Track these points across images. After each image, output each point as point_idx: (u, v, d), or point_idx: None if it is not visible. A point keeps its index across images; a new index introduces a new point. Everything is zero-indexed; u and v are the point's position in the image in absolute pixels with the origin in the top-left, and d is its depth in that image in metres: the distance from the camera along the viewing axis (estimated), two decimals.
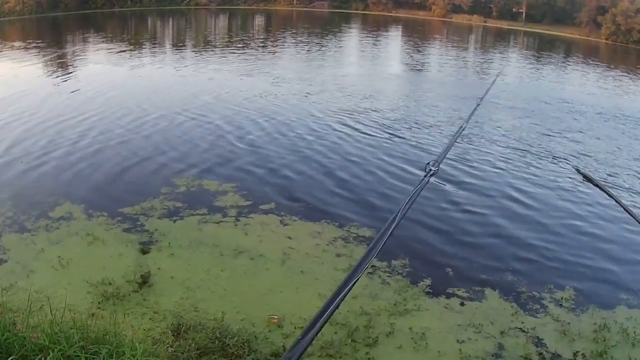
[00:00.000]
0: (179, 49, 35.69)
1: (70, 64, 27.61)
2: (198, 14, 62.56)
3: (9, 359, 4.37)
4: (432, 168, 4.47)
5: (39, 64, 26.92)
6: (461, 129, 7.61)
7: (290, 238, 9.47)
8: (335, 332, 6.89)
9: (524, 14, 64.27)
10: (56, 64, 27.43)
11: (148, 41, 38.77)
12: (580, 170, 13.84)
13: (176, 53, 33.27)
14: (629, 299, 8.15)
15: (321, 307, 2.91)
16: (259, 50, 35.37)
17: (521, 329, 7.29)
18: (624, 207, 11.58)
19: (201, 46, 37.21)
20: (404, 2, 70.51)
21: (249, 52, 33.73)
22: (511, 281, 8.49)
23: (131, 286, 7.61)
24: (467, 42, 50.01)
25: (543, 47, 49.46)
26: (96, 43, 36.29)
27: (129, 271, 7.99)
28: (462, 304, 7.80)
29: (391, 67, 31.36)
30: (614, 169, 14.42)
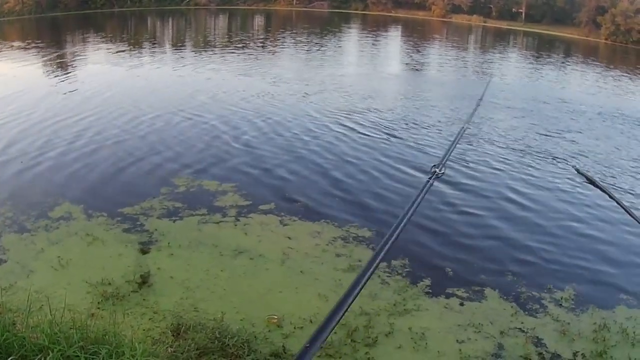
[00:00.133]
0: (178, 49, 35.68)
1: (69, 64, 27.59)
2: (198, 14, 62.53)
3: (9, 359, 4.36)
4: (437, 170, 4.45)
5: (38, 64, 26.91)
6: (462, 130, 7.57)
7: (289, 238, 9.47)
8: (335, 332, 6.88)
9: (523, 14, 64.27)
10: (55, 64, 27.40)
11: (148, 41, 38.75)
12: (580, 171, 13.84)
13: (176, 53, 33.25)
14: (628, 299, 8.16)
15: (329, 312, 2.88)
16: (259, 50, 35.36)
17: (521, 329, 7.29)
18: (623, 207, 11.59)
19: (201, 46, 37.19)
20: (403, 2, 70.49)
21: (248, 52, 33.72)
22: (511, 281, 8.49)
23: (131, 286, 7.61)
24: (466, 42, 50.01)
25: (542, 47, 49.47)
26: (96, 43, 36.27)
27: (129, 271, 7.99)
28: (462, 304, 7.80)
29: (391, 67, 31.35)
30: (613, 169, 14.42)
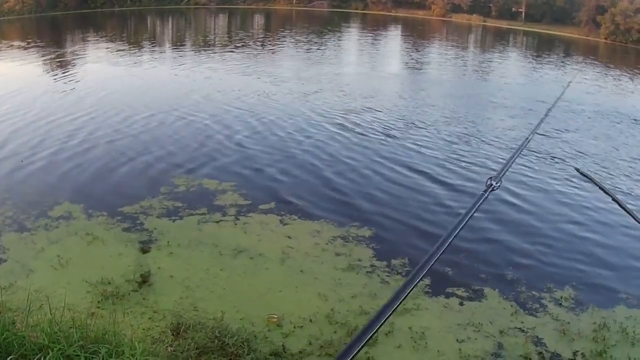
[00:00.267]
0: (178, 48, 35.68)
1: (69, 64, 27.57)
2: (197, 13, 62.53)
3: (8, 358, 4.36)
4: (494, 183, 4.39)
5: (38, 63, 26.91)
6: (527, 140, 7.51)
7: (289, 237, 9.47)
8: (335, 332, 6.89)
9: (523, 14, 64.27)
10: (55, 63, 27.40)
11: (147, 40, 38.75)
12: (581, 171, 13.84)
13: (175, 53, 33.25)
14: (628, 299, 8.15)
15: (367, 323, 2.83)
16: (259, 49, 35.35)
17: (520, 328, 7.29)
18: (624, 207, 11.58)
19: (200, 46, 37.19)
20: (403, 1, 70.48)
21: (248, 51, 33.72)
22: (511, 281, 8.49)
23: (130, 285, 7.60)
24: (466, 42, 50.00)
25: (542, 46, 49.48)
26: (95, 42, 36.27)
27: (129, 270, 7.99)
28: (462, 304, 7.80)
29: (391, 67, 31.35)
30: (613, 168, 14.42)
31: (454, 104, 21.04)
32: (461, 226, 3.81)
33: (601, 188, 12.70)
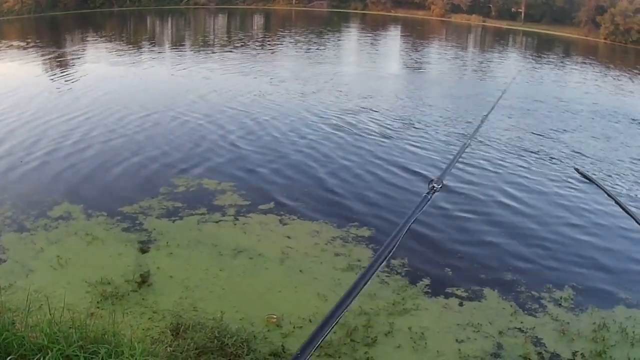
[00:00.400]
0: (177, 48, 35.66)
1: (68, 64, 27.54)
2: (197, 13, 62.51)
3: (8, 358, 4.36)
4: (435, 186, 4.43)
5: (37, 63, 26.89)
6: (465, 146, 7.53)
7: (289, 237, 9.47)
8: (334, 332, 6.88)
9: (522, 14, 64.26)
10: (55, 63, 27.39)
11: (147, 41, 38.73)
12: (580, 171, 13.84)
13: (175, 53, 33.23)
14: (627, 299, 8.16)
15: (327, 313, 2.87)
16: (258, 49, 35.33)
17: (520, 328, 7.29)
18: (623, 207, 11.59)
19: (200, 46, 37.18)
20: (403, 1, 70.45)
21: (247, 51, 33.70)
22: (510, 281, 8.49)
23: (130, 286, 7.60)
24: (466, 42, 50.01)
25: (542, 46, 49.48)
26: (95, 42, 36.25)
27: (128, 271, 7.99)
28: (461, 304, 7.80)
29: (390, 67, 31.34)
30: (612, 168, 14.42)
31: (452, 104, 21.03)
32: (406, 228, 3.86)
33: (601, 188, 12.70)
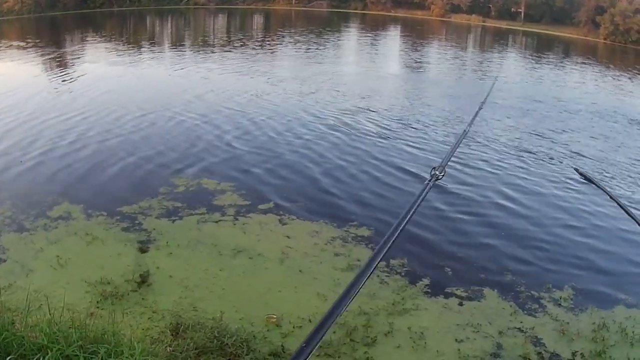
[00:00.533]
0: (177, 48, 35.66)
1: (68, 64, 27.55)
2: (197, 13, 62.52)
3: (8, 358, 4.36)
4: (437, 173, 4.41)
5: (36, 63, 26.89)
6: (464, 132, 7.54)
7: (288, 237, 9.47)
8: (334, 332, 6.88)
9: (522, 14, 64.31)
10: (54, 63, 27.40)
11: (146, 41, 38.73)
12: (580, 171, 13.84)
13: (174, 53, 33.23)
14: (627, 299, 8.16)
15: (326, 312, 2.86)
16: (258, 49, 35.34)
17: (520, 328, 7.29)
18: (623, 207, 11.58)
19: (199, 46, 37.18)
20: (402, 1, 70.50)
21: (247, 51, 33.71)
22: (510, 281, 8.49)
23: (130, 285, 7.60)
24: (465, 42, 50.03)
25: (542, 47, 49.50)
26: (94, 42, 36.24)
27: (128, 270, 7.98)
28: (461, 304, 7.80)
29: (389, 67, 31.34)
30: (611, 168, 14.43)
31: (452, 104, 21.02)
32: (410, 216, 3.85)
33: (600, 188, 12.71)
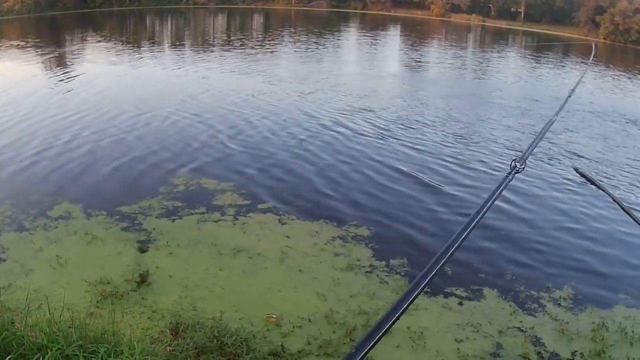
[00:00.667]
0: (177, 48, 35.64)
1: (68, 63, 27.56)
2: (197, 13, 62.49)
3: (7, 358, 4.36)
4: (518, 165, 4.36)
5: (36, 63, 26.88)
6: (550, 122, 7.41)
7: (288, 237, 9.47)
8: (334, 332, 6.89)
9: (522, 14, 64.30)
10: (54, 63, 27.39)
11: (146, 40, 38.72)
12: (579, 171, 13.84)
13: (174, 52, 33.21)
14: (627, 299, 8.16)
15: (380, 319, 2.80)
16: (257, 49, 35.31)
17: (519, 328, 7.30)
18: (623, 207, 11.59)
19: (199, 45, 37.16)
20: (402, 1, 70.45)
21: (247, 51, 33.69)
22: (510, 281, 8.50)
23: (130, 285, 7.60)
24: (465, 42, 50.02)
25: (541, 46, 49.46)
26: (94, 42, 36.21)
27: (128, 270, 7.99)
28: (461, 304, 7.81)
29: (389, 67, 31.32)
30: (610, 168, 14.42)
31: (451, 104, 21.01)
32: (487, 207, 3.79)
33: (600, 188, 12.71)
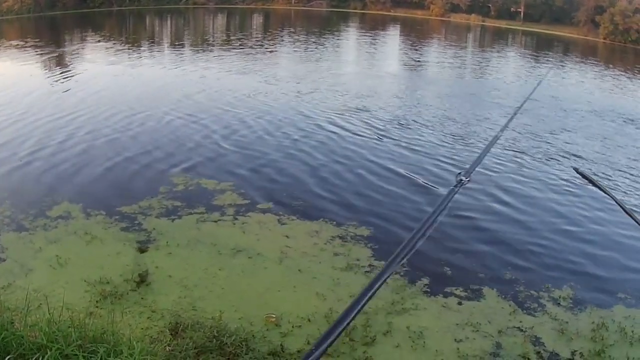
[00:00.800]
0: (176, 48, 35.61)
1: (67, 63, 27.53)
2: (196, 13, 62.42)
3: (7, 357, 4.36)
4: (463, 178, 4.42)
5: (36, 63, 26.86)
6: (496, 137, 7.52)
7: (287, 237, 9.47)
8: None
9: (522, 14, 64.27)
10: (53, 63, 27.37)
11: (146, 40, 38.68)
12: (579, 171, 13.82)
13: (173, 52, 33.18)
14: (626, 299, 8.16)
15: (337, 318, 2.88)
16: (257, 49, 35.27)
17: (519, 328, 7.30)
18: (622, 207, 11.55)
19: (198, 45, 37.12)
20: (402, 1, 70.41)
21: (246, 51, 33.66)
22: (509, 280, 8.50)
23: (129, 285, 7.60)
24: (465, 42, 49.99)
25: (541, 46, 49.45)
26: (94, 42, 36.17)
27: (127, 270, 7.99)
28: (460, 303, 7.81)
29: (388, 66, 31.28)
30: (609, 168, 14.42)
31: (450, 103, 21.01)
32: (432, 220, 3.90)
33: (599, 187, 12.69)
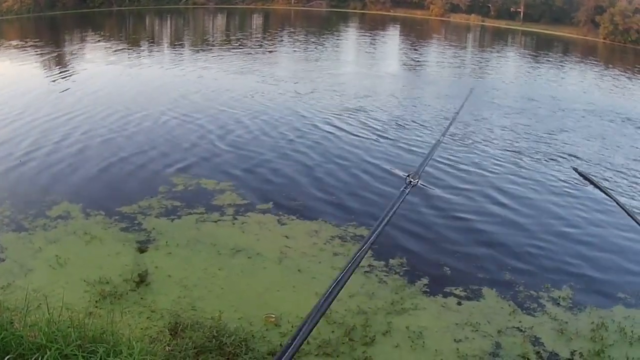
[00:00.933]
0: (176, 48, 35.61)
1: (67, 63, 27.53)
2: (196, 13, 62.42)
3: (6, 357, 4.36)
4: (412, 180, 4.45)
5: (36, 63, 26.86)
6: (437, 142, 7.55)
7: (287, 237, 9.47)
8: (333, 331, 6.90)
9: (521, 14, 64.29)
10: (53, 63, 27.36)
11: (145, 40, 38.67)
12: (579, 171, 13.84)
13: (173, 52, 33.18)
14: (626, 298, 8.17)
15: (312, 308, 2.90)
16: (257, 49, 35.27)
17: (518, 328, 7.30)
18: (622, 207, 11.58)
19: (198, 45, 37.11)
20: (402, 1, 70.42)
21: (246, 51, 33.65)
22: (509, 280, 8.50)
23: (128, 285, 7.60)
24: (464, 42, 50.00)
25: (541, 46, 49.46)
26: (93, 42, 36.16)
27: (127, 270, 7.99)
28: (460, 303, 7.81)
29: (388, 66, 31.27)
30: (609, 168, 14.42)
31: (449, 104, 20.98)
32: (384, 222, 3.92)
33: (599, 188, 12.71)
